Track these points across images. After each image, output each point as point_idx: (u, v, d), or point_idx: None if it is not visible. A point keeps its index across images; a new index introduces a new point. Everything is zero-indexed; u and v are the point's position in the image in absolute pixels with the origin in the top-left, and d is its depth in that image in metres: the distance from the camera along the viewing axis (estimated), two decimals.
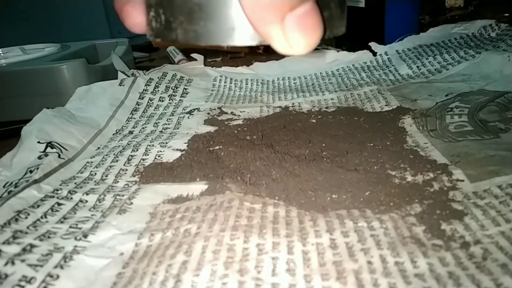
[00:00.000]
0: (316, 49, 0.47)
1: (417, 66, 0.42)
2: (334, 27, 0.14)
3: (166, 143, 0.29)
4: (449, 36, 0.46)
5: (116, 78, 0.40)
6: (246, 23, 0.13)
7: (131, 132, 0.33)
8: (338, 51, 0.47)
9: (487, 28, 0.46)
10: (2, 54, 0.45)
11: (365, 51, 0.46)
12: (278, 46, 0.13)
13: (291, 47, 0.13)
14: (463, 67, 0.39)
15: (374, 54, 0.46)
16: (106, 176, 0.25)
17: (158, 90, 0.39)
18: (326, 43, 0.54)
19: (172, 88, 0.40)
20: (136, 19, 0.15)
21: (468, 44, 0.44)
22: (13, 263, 0.17)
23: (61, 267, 0.17)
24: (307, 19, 0.12)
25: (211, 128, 0.32)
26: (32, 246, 0.18)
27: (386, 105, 0.34)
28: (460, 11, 0.69)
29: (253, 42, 0.14)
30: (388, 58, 0.45)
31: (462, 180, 0.21)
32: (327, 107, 0.35)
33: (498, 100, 0.30)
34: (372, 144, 0.27)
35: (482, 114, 0.29)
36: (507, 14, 0.61)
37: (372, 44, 0.46)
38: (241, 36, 0.13)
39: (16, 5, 0.86)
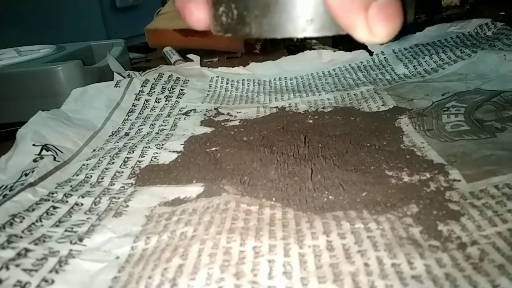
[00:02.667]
0: (312, 48, 0.46)
1: (414, 66, 0.42)
2: (408, 14, 0.14)
3: (163, 144, 0.29)
4: (445, 35, 0.46)
5: (112, 80, 0.39)
6: (323, 14, 0.13)
7: (127, 134, 0.32)
8: (334, 51, 0.47)
9: (483, 27, 0.46)
10: None
11: (362, 50, 0.46)
12: (361, 35, 0.13)
13: (373, 36, 0.13)
14: (459, 66, 0.39)
15: (371, 53, 0.46)
16: (102, 178, 0.25)
17: (154, 91, 0.39)
18: (322, 42, 0.54)
19: (168, 89, 0.39)
20: (199, 15, 0.16)
21: (464, 43, 0.44)
22: (7, 268, 0.17)
23: (56, 272, 0.17)
24: (390, 7, 0.12)
25: (208, 129, 0.32)
26: (27, 250, 0.18)
27: (382, 105, 0.34)
28: (456, 10, 0.69)
29: (329, 33, 0.14)
30: (385, 57, 0.45)
31: (459, 180, 0.21)
32: (323, 107, 0.35)
33: (494, 99, 0.30)
34: (369, 144, 0.27)
35: (478, 113, 0.29)
36: (503, 13, 0.61)
37: (369, 44, 0.46)
38: (318, 27, 0.13)
39: (12, 7, 0.85)
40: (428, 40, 0.46)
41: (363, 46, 0.46)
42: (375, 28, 0.13)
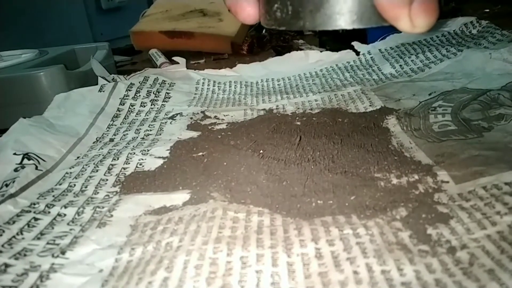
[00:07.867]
0: (299, 49, 0.46)
1: (400, 65, 0.41)
2: (442, 8, 0.16)
3: (148, 150, 0.28)
4: (431, 33, 0.46)
5: (97, 84, 0.39)
6: (370, 8, 0.15)
7: (112, 140, 0.32)
8: (321, 51, 0.47)
9: (468, 25, 0.46)
10: None
11: (348, 50, 0.46)
12: (404, 26, 0.15)
13: (414, 27, 0.15)
14: (446, 65, 0.39)
15: (357, 53, 0.45)
16: (86, 187, 0.24)
17: (140, 95, 0.38)
18: (309, 43, 0.54)
19: (154, 93, 0.39)
20: (250, 11, 0.18)
21: (449, 41, 0.44)
22: None
23: (37, 287, 0.16)
24: (430, 2, 0.15)
25: (194, 134, 0.31)
26: (6, 265, 0.17)
27: (370, 106, 0.33)
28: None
29: (374, 24, 0.15)
30: (371, 57, 0.44)
31: (447, 182, 0.21)
32: (311, 109, 0.35)
33: (480, 98, 0.30)
34: (357, 146, 0.27)
35: (465, 112, 0.29)
36: (487, 10, 0.62)
37: (355, 44, 0.46)
38: (365, 20, 0.15)
39: None
40: (414, 39, 0.46)
41: (349, 46, 0.46)
42: (416, 20, 0.15)
